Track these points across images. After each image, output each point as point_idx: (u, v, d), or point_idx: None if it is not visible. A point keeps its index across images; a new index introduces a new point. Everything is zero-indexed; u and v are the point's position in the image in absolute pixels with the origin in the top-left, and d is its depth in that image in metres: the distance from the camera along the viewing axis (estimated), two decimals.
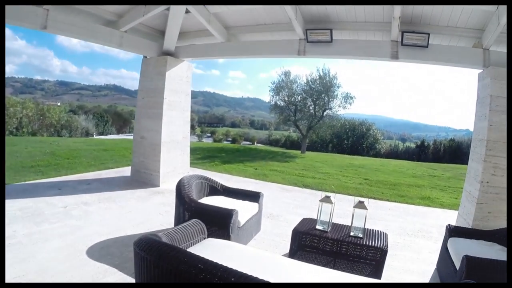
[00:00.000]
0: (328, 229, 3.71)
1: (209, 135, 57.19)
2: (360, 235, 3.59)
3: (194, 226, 3.03)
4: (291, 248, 3.74)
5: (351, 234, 3.62)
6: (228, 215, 3.62)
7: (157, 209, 5.51)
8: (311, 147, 33.54)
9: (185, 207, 3.91)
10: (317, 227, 3.75)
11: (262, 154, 19.83)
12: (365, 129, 37.54)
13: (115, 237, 4.20)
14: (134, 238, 2.29)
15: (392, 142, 48.81)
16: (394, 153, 36.06)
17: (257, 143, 48.22)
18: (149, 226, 4.71)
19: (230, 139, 48.30)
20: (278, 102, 25.29)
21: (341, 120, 32.76)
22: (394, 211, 6.51)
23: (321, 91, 23.61)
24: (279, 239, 4.58)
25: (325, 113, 24.55)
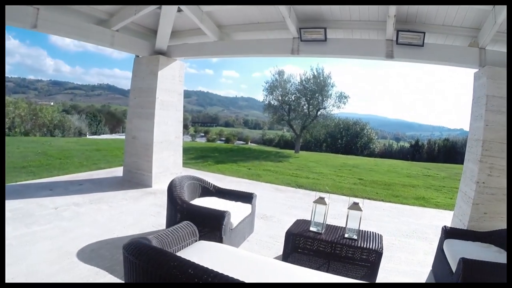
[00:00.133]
0: (322, 231, 3.66)
1: (203, 135, 56.90)
2: (355, 237, 3.54)
3: (186, 229, 2.97)
4: (285, 250, 3.69)
5: (346, 236, 3.57)
6: (221, 217, 3.56)
7: (149, 210, 5.44)
8: (305, 147, 33.55)
9: (177, 209, 3.84)
10: (311, 229, 3.70)
11: (256, 154, 19.79)
12: (359, 129, 37.55)
13: (106, 239, 4.14)
14: (125, 240, 2.24)
15: (386, 142, 48.91)
16: (388, 153, 36.13)
17: (251, 143, 48.07)
18: (141, 228, 4.64)
19: (224, 139, 48.07)
20: (272, 102, 25.27)
21: (335, 120, 32.82)
22: (389, 212, 6.48)
23: (315, 91, 23.61)
24: (273, 241, 4.54)
25: (319, 113, 24.54)
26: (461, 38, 5.31)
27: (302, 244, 3.59)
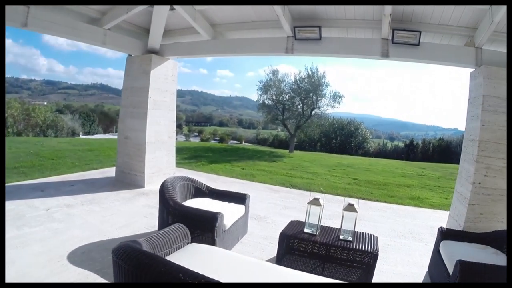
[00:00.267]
0: (317, 232, 3.62)
1: (197, 134, 56.75)
2: (350, 239, 3.50)
3: (177, 231, 2.90)
4: (279, 252, 3.65)
5: (341, 238, 3.52)
6: (213, 219, 3.49)
7: (141, 211, 5.36)
8: (299, 146, 33.51)
9: (169, 210, 3.77)
10: (305, 230, 3.65)
11: (250, 154, 19.72)
12: (354, 128, 37.55)
13: (97, 241, 4.07)
14: (117, 242, 2.18)
15: (381, 141, 49.01)
16: (383, 152, 36.19)
17: (245, 142, 47.98)
18: (133, 229, 4.56)
19: (218, 139, 47.93)
20: (266, 101, 25.13)
21: (330, 119, 32.81)
22: (384, 212, 6.45)
23: (309, 90, 23.53)
24: (266, 242, 4.48)
25: (313, 112, 24.46)
26: (457, 38, 5.28)
27: (297, 246, 3.54)
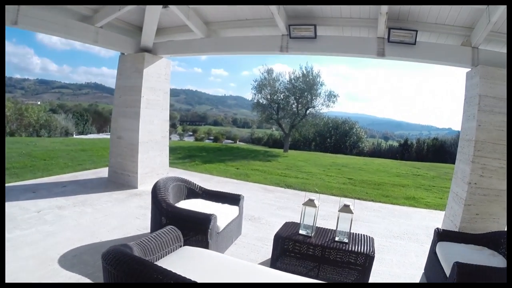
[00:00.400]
0: (312, 234, 3.55)
1: (191, 134, 56.54)
2: (346, 240, 3.44)
3: (169, 234, 2.83)
4: (273, 254, 3.58)
5: (336, 239, 3.46)
6: (206, 220, 3.41)
7: (134, 213, 5.27)
8: (294, 146, 33.48)
9: (161, 212, 3.69)
10: (300, 232, 3.59)
11: (244, 153, 19.64)
12: (348, 128, 37.59)
13: (89, 244, 3.99)
14: (109, 245, 2.11)
15: (375, 141, 49.09)
16: (377, 152, 36.21)
17: (240, 142, 47.93)
18: (125, 231, 4.48)
19: (212, 138, 47.72)
20: (261, 100, 25.12)
21: (324, 119, 32.78)
22: (379, 212, 6.41)
23: (304, 89, 23.55)
24: (261, 244, 4.42)
25: (308, 112, 24.49)
26: (454, 37, 5.25)
27: (292, 248, 3.48)
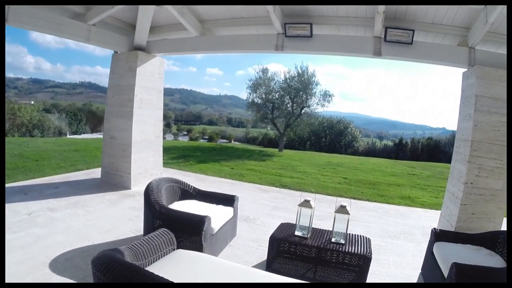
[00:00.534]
0: (308, 235, 3.50)
1: (186, 133, 56.35)
2: (342, 241, 3.39)
3: (162, 237, 2.76)
4: (269, 256, 3.53)
5: (333, 240, 3.42)
6: (200, 222, 3.35)
7: (127, 214, 5.19)
8: (289, 145, 33.40)
9: (154, 214, 3.61)
10: (296, 233, 3.54)
11: (239, 153, 19.55)
12: (343, 127, 37.55)
13: (81, 247, 3.88)
14: (101, 248, 2.03)
15: (370, 140, 49.19)
16: (372, 151, 36.22)
17: (234, 141, 47.77)
18: (118, 234, 4.39)
19: (207, 137, 47.59)
20: (256, 100, 24.94)
21: (319, 118, 32.77)
22: (375, 212, 6.38)
23: (299, 89, 23.45)
24: (256, 245, 4.35)
25: (303, 111, 24.39)
26: (451, 37, 5.23)
27: (287, 249, 3.43)
